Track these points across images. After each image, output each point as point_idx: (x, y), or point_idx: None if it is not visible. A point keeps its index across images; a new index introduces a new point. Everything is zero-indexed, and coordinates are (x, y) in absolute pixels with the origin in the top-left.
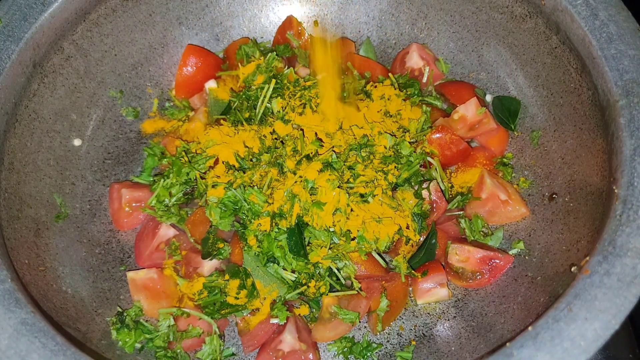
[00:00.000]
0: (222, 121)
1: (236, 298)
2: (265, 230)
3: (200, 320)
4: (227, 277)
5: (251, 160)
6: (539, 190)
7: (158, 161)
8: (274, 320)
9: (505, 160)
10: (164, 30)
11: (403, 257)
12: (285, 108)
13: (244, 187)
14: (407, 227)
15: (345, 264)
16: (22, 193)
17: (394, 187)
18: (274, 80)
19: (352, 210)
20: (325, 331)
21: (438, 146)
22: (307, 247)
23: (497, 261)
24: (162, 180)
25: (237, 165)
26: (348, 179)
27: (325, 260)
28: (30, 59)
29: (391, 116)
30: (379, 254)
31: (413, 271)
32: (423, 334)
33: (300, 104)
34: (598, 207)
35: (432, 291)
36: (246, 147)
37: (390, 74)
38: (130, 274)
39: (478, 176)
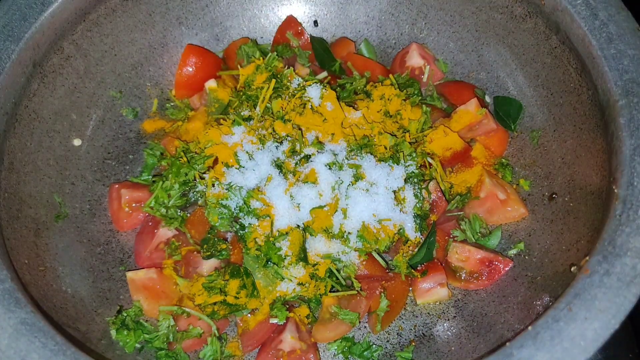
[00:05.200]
0: (222, 121)
1: (236, 298)
2: (265, 232)
3: (201, 320)
4: (227, 277)
5: (250, 160)
6: (539, 190)
7: (157, 161)
8: (274, 320)
9: (504, 161)
10: (164, 30)
11: (403, 257)
12: (284, 108)
13: (243, 188)
14: (407, 227)
15: (345, 264)
16: (22, 193)
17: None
18: (273, 80)
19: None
20: (325, 331)
21: (438, 146)
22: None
23: (497, 263)
24: (161, 182)
25: (236, 165)
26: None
27: (324, 262)
28: (30, 59)
29: (391, 116)
30: (379, 254)
31: (413, 271)
32: (423, 334)
33: (300, 104)
34: (598, 206)
35: (432, 291)
36: (245, 147)
37: (390, 75)
38: (130, 274)
39: (477, 176)
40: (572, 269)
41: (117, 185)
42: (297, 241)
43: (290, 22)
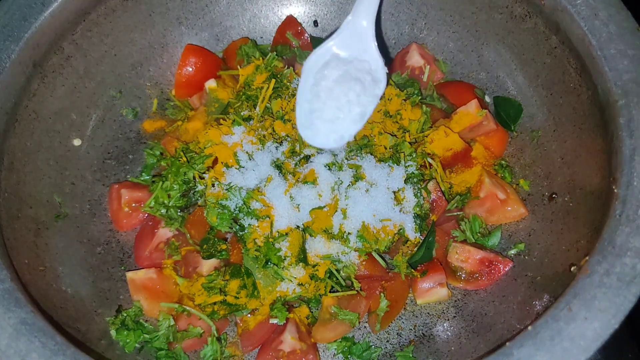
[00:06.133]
0: (221, 121)
1: (236, 298)
2: (264, 233)
3: (201, 320)
4: (227, 277)
5: (250, 160)
6: (539, 190)
7: (157, 161)
8: (274, 321)
9: (504, 163)
10: (164, 30)
11: (403, 257)
12: (284, 108)
13: (243, 189)
14: (407, 227)
15: (345, 264)
16: (22, 193)
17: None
18: (273, 80)
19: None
20: (325, 332)
21: (438, 147)
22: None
23: (496, 264)
24: (161, 182)
25: (236, 165)
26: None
27: (324, 262)
28: (30, 59)
29: (391, 116)
30: (379, 254)
31: (413, 271)
32: (423, 334)
33: None
34: (598, 206)
35: (432, 291)
36: (245, 147)
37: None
38: (130, 274)
39: (477, 176)
40: (572, 268)
41: (117, 185)
42: (297, 242)
43: (290, 22)
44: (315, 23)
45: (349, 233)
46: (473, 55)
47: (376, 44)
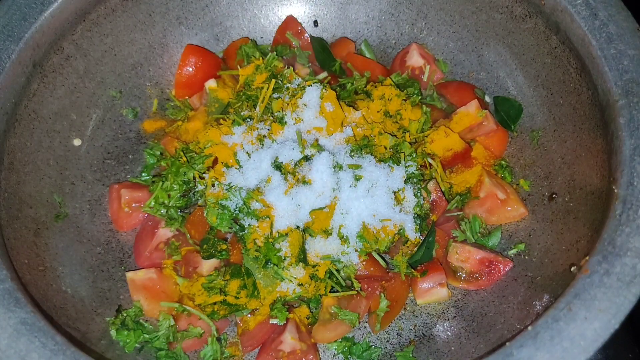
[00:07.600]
0: (221, 121)
1: (236, 298)
2: (264, 233)
3: (201, 320)
4: (227, 277)
5: (250, 160)
6: (539, 190)
7: (157, 161)
8: (274, 321)
9: (504, 163)
10: (164, 30)
11: (403, 257)
12: (284, 108)
13: (243, 189)
14: (407, 227)
15: (345, 264)
16: (21, 193)
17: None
18: (273, 80)
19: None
20: (325, 332)
21: (439, 147)
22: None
23: (497, 264)
24: (161, 182)
25: (236, 165)
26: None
27: (324, 263)
28: (30, 59)
29: (391, 116)
30: (379, 254)
31: (413, 271)
32: (423, 334)
33: (300, 104)
34: (598, 206)
35: (432, 291)
36: (245, 147)
37: (389, 76)
38: (130, 274)
39: (477, 176)
40: (572, 269)
41: (117, 186)
42: (297, 242)
43: (290, 22)
44: (315, 23)
45: (348, 233)
46: (473, 55)
47: None
